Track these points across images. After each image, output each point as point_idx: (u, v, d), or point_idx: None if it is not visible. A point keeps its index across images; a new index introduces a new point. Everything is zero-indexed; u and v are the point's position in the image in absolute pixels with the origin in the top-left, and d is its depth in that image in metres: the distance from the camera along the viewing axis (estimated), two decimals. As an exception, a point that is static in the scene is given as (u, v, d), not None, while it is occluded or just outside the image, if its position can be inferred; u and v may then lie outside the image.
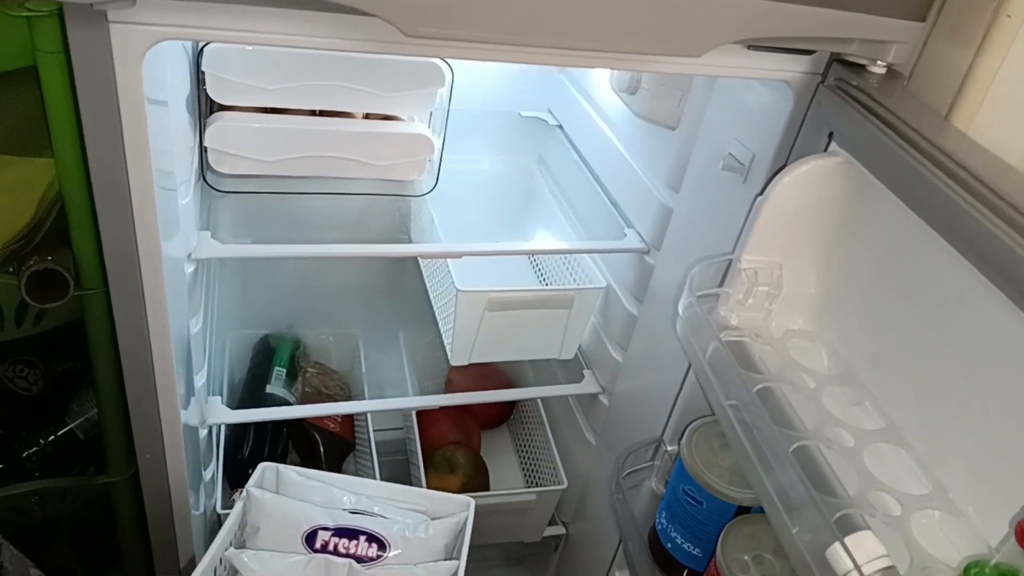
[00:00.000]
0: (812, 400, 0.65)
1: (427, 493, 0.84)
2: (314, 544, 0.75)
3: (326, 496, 0.80)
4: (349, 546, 0.75)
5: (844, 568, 0.51)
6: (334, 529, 0.75)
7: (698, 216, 0.85)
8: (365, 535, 0.74)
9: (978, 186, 0.52)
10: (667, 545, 0.81)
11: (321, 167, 0.95)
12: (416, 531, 0.77)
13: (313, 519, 0.76)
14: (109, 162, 0.65)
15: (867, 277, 0.69)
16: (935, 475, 0.60)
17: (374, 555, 0.74)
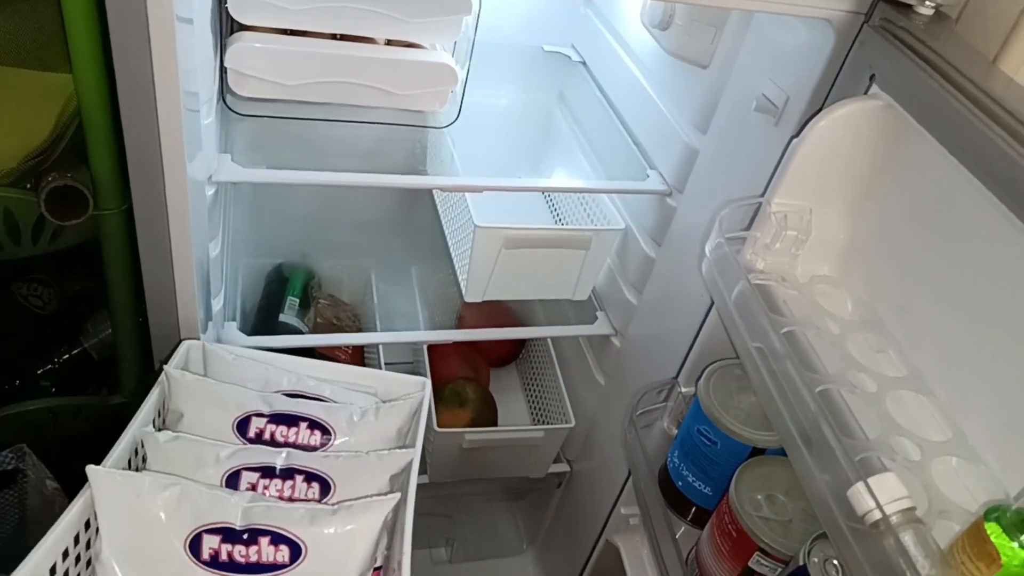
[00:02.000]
0: (836, 345, 0.66)
1: (377, 374, 0.75)
2: (247, 432, 0.64)
3: (262, 376, 0.70)
4: (288, 434, 0.65)
5: (865, 507, 0.52)
6: (270, 415, 0.65)
7: (725, 158, 0.84)
8: (307, 421, 0.65)
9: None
10: (678, 483, 0.83)
11: (341, 94, 0.93)
12: (365, 416, 0.67)
13: (245, 404, 0.65)
14: (137, 79, 0.63)
15: (898, 225, 0.68)
16: (956, 423, 0.61)
17: (317, 443, 0.65)
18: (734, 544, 0.73)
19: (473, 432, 1.13)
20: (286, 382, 0.70)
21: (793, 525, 0.71)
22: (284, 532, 0.56)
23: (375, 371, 0.75)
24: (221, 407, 0.66)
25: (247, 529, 0.56)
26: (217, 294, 0.92)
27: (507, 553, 1.43)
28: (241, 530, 0.55)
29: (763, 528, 0.70)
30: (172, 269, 0.77)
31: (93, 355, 1.04)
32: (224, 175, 0.84)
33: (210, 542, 0.55)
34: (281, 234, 1.26)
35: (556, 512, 1.34)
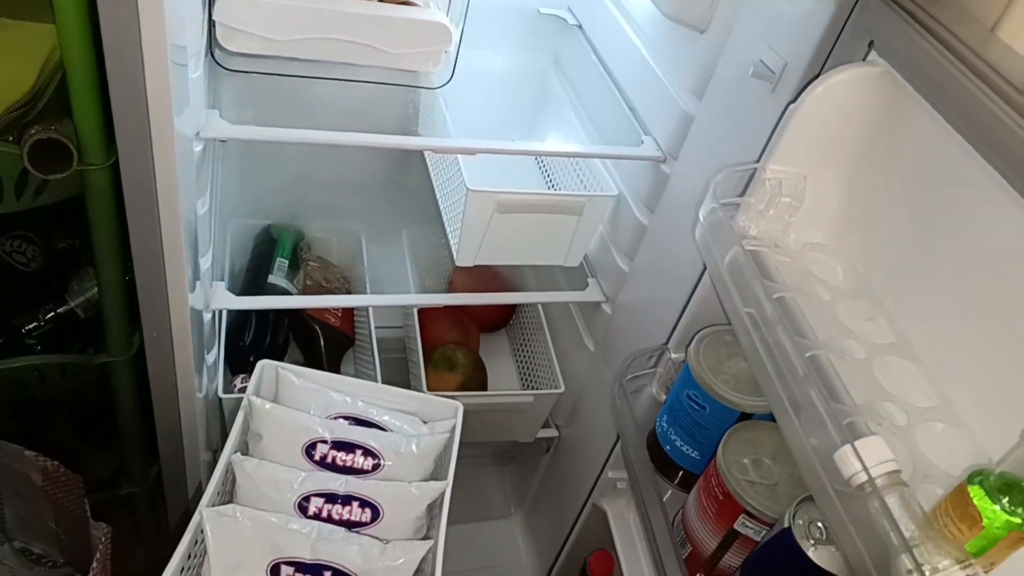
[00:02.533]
0: (826, 312, 0.66)
1: (418, 396, 0.88)
2: (314, 456, 0.79)
3: (323, 399, 0.83)
4: (346, 459, 0.79)
5: (852, 470, 0.53)
6: (332, 442, 0.79)
7: (720, 125, 0.83)
8: (361, 449, 0.79)
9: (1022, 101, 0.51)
10: (666, 447, 0.83)
11: (331, 51, 0.92)
12: (408, 446, 0.81)
13: (313, 431, 0.80)
14: (123, 30, 0.62)
15: (892, 194, 0.68)
16: (943, 390, 0.62)
17: (369, 468, 0.79)
18: (720, 507, 0.74)
19: (462, 396, 1.13)
20: (341, 403, 0.84)
21: (779, 488, 0.72)
22: (343, 568, 0.72)
23: (415, 393, 0.89)
24: (292, 432, 0.80)
25: (315, 563, 0.72)
26: (205, 253, 0.91)
27: (494, 516, 1.45)
28: (310, 563, 0.72)
29: (749, 491, 0.71)
30: (159, 226, 0.76)
31: (79, 313, 1.03)
32: (212, 131, 0.83)
33: (287, 571, 0.71)
34: (270, 195, 1.24)
35: (544, 476, 1.35)
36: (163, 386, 0.90)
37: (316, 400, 0.84)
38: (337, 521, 0.75)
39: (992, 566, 0.54)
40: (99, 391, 1.05)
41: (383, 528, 0.77)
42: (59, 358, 1.01)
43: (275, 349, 1.16)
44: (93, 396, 1.08)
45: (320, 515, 0.75)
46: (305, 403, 0.83)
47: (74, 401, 1.10)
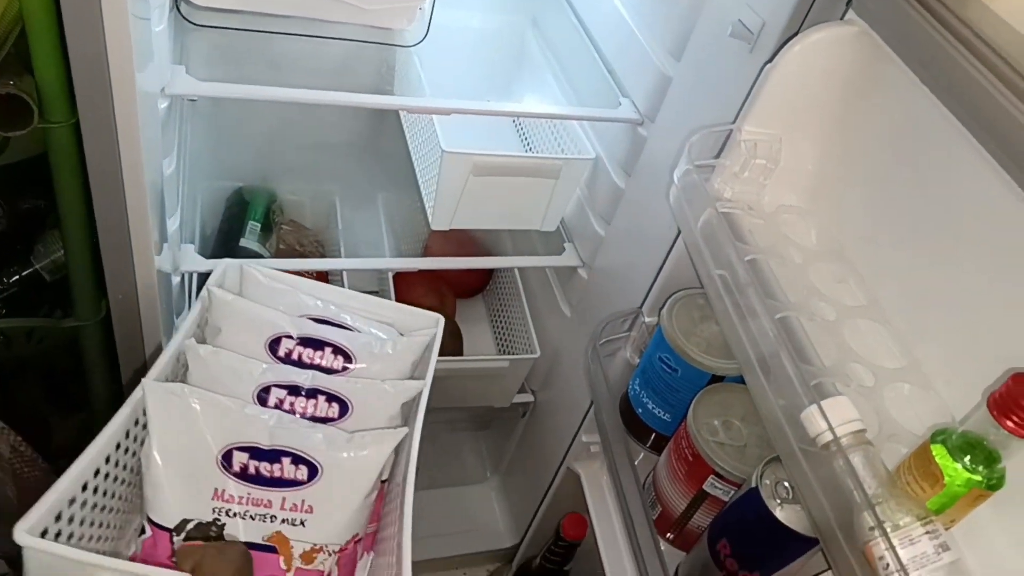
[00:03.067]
0: (798, 274, 0.66)
1: (397, 306, 0.79)
2: (277, 351, 0.71)
3: (292, 300, 0.75)
4: (314, 356, 0.71)
5: (817, 429, 0.53)
6: (299, 338, 0.71)
7: (699, 86, 0.82)
8: (332, 347, 0.71)
9: (998, 62, 0.50)
10: (638, 410, 0.84)
11: (303, 6, 0.90)
12: (383, 347, 0.73)
13: (277, 325, 0.71)
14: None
15: (867, 156, 0.68)
16: (911, 352, 0.62)
17: (339, 367, 0.71)
18: (690, 468, 0.74)
19: (438, 361, 1.13)
20: (312, 307, 0.75)
21: (747, 450, 0.73)
22: (304, 454, 0.63)
23: (394, 303, 0.80)
24: (256, 326, 0.71)
25: (272, 449, 0.63)
26: (172, 214, 0.89)
27: (471, 481, 1.45)
28: (267, 449, 0.63)
29: (718, 452, 0.72)
30: (122, 186, 0.74)
31: (45, 276, 1.01)
32: (178, 87, 0.80)
33: (240, 457, 0.63)
34: (242, 156, 1.22)
35: (520, 441, 1.36)
36: (131, 350, 0.89)
37: (284, 300, 0.75)
38: (301, 415, 0.68)
39: (952, 523, 0.55)
40: (68, 355, 1.04)
41: (352, 425, 0.68)
42: (25, 322, 0.99)
43: (248, 313, 1.15)
44: (62, 360, 1.06)
45: (282, 407, 0.67)
46: (272, 302, 0.75)
47: (42, 366, 1.09)
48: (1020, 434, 0.48)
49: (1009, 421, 0.48)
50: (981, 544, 0.57)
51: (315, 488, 0.64)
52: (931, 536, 0.51)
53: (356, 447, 0.64)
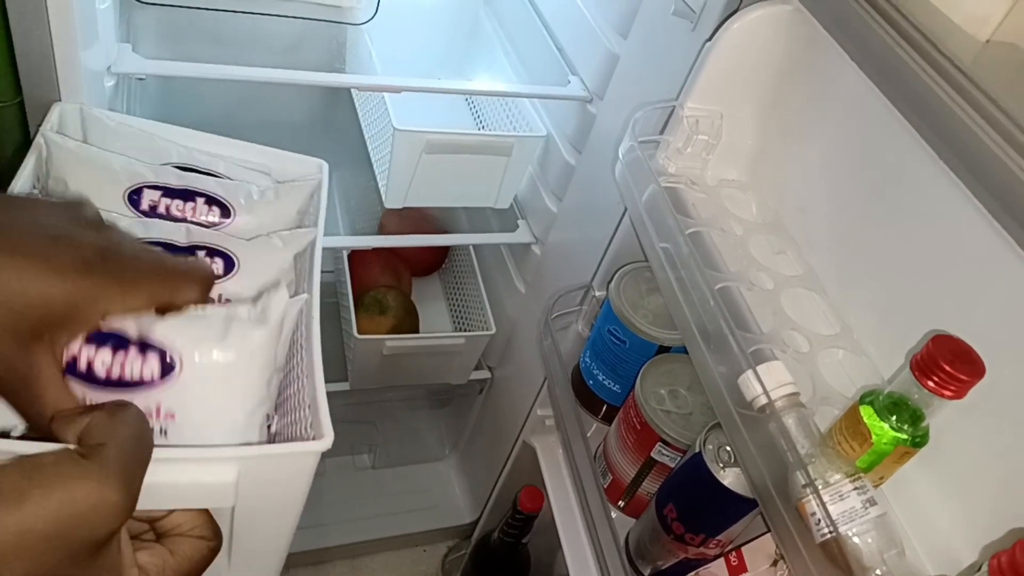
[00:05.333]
0: (739, 246, 0.68)
1: (269, 151, 0.67)
2: (139, 205, 0.58)
3: (149, 147, 0.63)
4: (184, 209, 0.59)
5: (753, 393, 0.55)
6: (164, 188, 0.59)
7: (644, 64, 0.84)
8: (204, 197, 0.59)
9: (921, 40, 0.53)
10: (589, 382, 0.86)
11: (252, -16, 0.89)
12: (264, 195, 0.62)
13: (136, 174, 0.59)
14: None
15: (804, 131, 0.70)
16: (844, 318, 0.65)
17: (216, 220, 0.60)
18: (638, 436, 0.77)
19: (394, 339, 1.14)
20: (176, 155, 0.63)
21: (693, 417, 0.75)
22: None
23: (267, 148, 0.68)
24: (110, 176, 0.58)
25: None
26: (123, 193, 0.88)
27: (429, 458, 1.47)
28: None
29: (665, 420, 0.74)
30: (70, 164, 0.73)
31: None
32: (124, 66, 0.80)
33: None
34: (193, 136, 1.21)
35: (478, 417, 1.38)
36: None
37: (140, 147, 0.63)
38: None
39: (882, 480, 0.58)
40: None
41: (240, 283, 0.55)
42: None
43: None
44: None
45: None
46: (125, 149, 0.63)
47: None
48: (941, 393, 0.51)
49: (930, 381, 0.51)
50: (908, 499, 0.60)
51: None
52: (859, 492, 0.54)
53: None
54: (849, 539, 0.52)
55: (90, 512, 0.31)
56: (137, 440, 0.34)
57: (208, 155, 0.64)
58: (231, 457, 0.39)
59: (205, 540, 0.38)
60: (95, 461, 0.31)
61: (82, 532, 0.31)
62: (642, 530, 0.79)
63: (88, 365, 0.40)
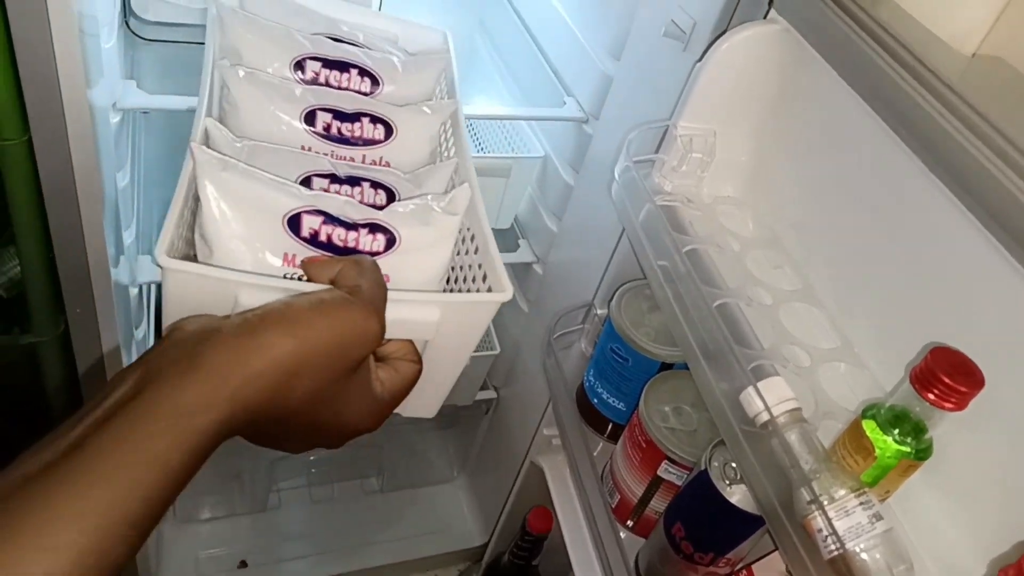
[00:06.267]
0: (736, 262, 0.69)
1: (399, 21, 0.74)
2: (304, 74, 0.65)
3: (301, 17, 0.69)
4: (341, 79, 0.65)
5: (756, 409, 0.56)
6: (323, 60, 0.65)
7: (638, 85, 0.85)
8: (357, 68, 0.66)
9: (908, 57, 0.53)
10: (593, 401, 0.86)
11: (251, 18, 0.91)
12: (405, 67, 0.68)
13: (300, 43, 0.65)
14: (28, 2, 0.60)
15: (797, 147, 0.71)
16: (844, 332, 0.65)
17: (368, 90, 0.66)
18: (644, 454, 0.77)
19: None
20: (323, 25, 0.69)
21: (698, 434, 0.75)
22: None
23: (396, 17, 0.74)
24: (277, 46, 0.64)
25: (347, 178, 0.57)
26: (128, 227, 0.90)
27: (438, 480, 1.47)
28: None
29: (670, 438, 0.74)
30: (77, 201, 0.75)
31: (2, 293, 1.01)
32: (129, 102, 0.81)
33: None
34: (196, 166, 1.22)
35: (485, 438, 1.38)
36: (90, 364, 0.89)
37: (292, 16, 0.68)
38: (348, 137, 0.62)
39: (888, 494, 0.58)
40: (26, 372, 1.03)
41: (396, 149, 0.63)
42: (-17, 340, 0.98)
43: (209, 322, 1.15)
44: (20, 377, 1.06)
45: (329, 131, 0.62)
46: (279, 19, 0.68)
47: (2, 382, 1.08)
48: (941, 406, 0.51)
49: (930, 393, 0.51)
50: (914, 512, 0.60)
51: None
52: (865, 507, 0.54)
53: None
54: (857, 555, 0.52)
55: (357, 337, 0.39)
56: (379, 284, 0.43)
57: (348, 25, 0.70)
58: (437, 301, 0.49)
59: (415, 363, 0.47)
60: (358, 298, 0.40)
61: (350, 352, 0.39)
62: (652, 550, 0.79)
63: (328, 238, 0.50)
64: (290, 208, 0.51)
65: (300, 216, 0.51)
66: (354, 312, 0.39)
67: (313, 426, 0.41)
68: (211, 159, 0.51)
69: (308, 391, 0.38)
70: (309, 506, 1.39)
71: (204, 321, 0.37)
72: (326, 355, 0.38)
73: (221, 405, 0.34)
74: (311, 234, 0.51)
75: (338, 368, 0.39)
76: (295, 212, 0.51)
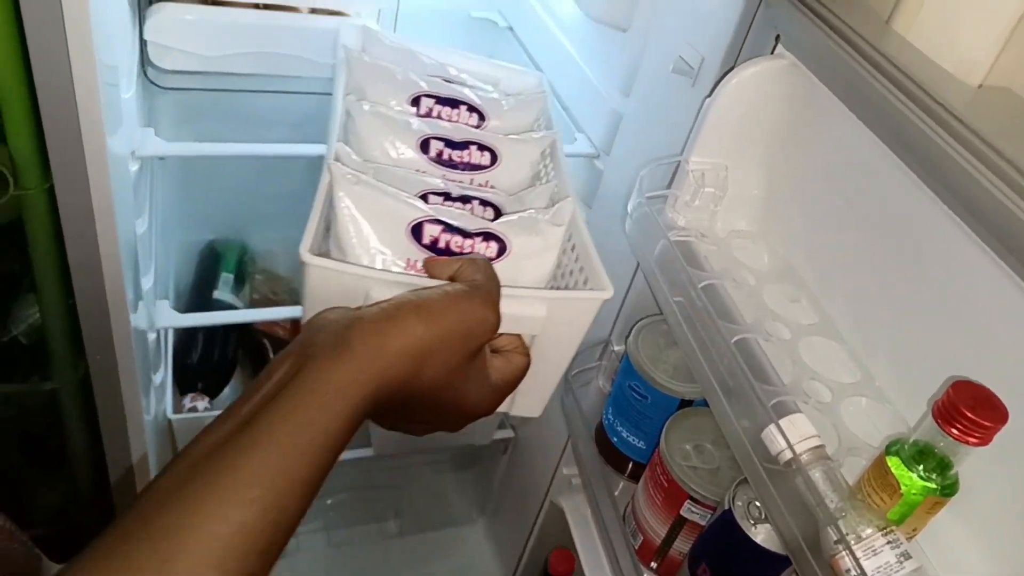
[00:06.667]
0: (753, 296, 0.68)
1: (501, 66, 0.84)
2: (419, 110, 0.74)
3: (415, 61, 0.78)
4: (451, 114, 0.74)
5: (778, 448, 0.55)
6: (436, 97, 0.74)
7: (648, 120, 0.86)
8: (465, 104, 0.74)
9: (915, 89, 0.53)
10: (613, 439, 0.85)
11: (264, 64, 0.92)
12: (508, 104, 0.76)
13: (415, 83, 0.74)
14: (52, 53, 0.62)
15: (809, 180, 0.71)
16: (864, 366, 0.64)
17: (475, 124, 0.74)
18: (666, 494, 0.76)
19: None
20: (433, 69, 0.78)
21: (720, 472, 0.74)
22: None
23: (497, 63, 0.84)
24: (395, 85, 0.73)
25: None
26: (147, 272, 0.91)
27: (458, 523, 1.45)
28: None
29: (692, 477, 0.73)
30: (98, 248, 0.76)
31: (22, 340, 1.02)
32: (148, 149, 0.83)
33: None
34: (212, 209, 1.24)
35: (504, 478, 1.36)
36: (110, 410, 0.90)
37: (407, 61, 0.78)
38: (458, 163, 0.69)
39: (915, 532, 0.56)
40: (46, 418, 1.04)
41: (501, 174, 0.70)
42: (3, 387, 0.99)
43: (224, 366, 1.15)
44: (40, 423, 1.06)
45: (441, 157, 0.68)
46: (396, 62, 0.77)
47: (20, 429, 1.09)
48: (966, 441, 0.50)
49: (954, 429, 0.50)
50: (943, 549, 0.58)
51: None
52: (892, 546, 0.53)
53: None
54: (886, 595, 0.51)
55: (478, 325, 0.44)
56: (494, 280, 0.48)
57: (457, 69, 0.79)
58: (544, 297, 0.55)
59: (525, 356, 0.52)
60: (479, 292, 0.45)
61: (472, 338, 0.44)
62: (676, 591, 0.77)
63: (446, 245, 0.57)
64: (413, 217, 0.57)
65: (422, 225, 0.58)
66: (475, 302, 0.45)
67: (438, 406, 0.46)
68: (345, 174, 0.58)
69: (436, 372, 0.43)
70: (327, 550, 1.37)
71: (342, 311, 0.42)
72: (452, 340, 0.43)
73: (368, 382, 0.39)
74: (431, 241, 0.57)
75: (462, 352, 0.44)
76: (418, 221, 0.57)
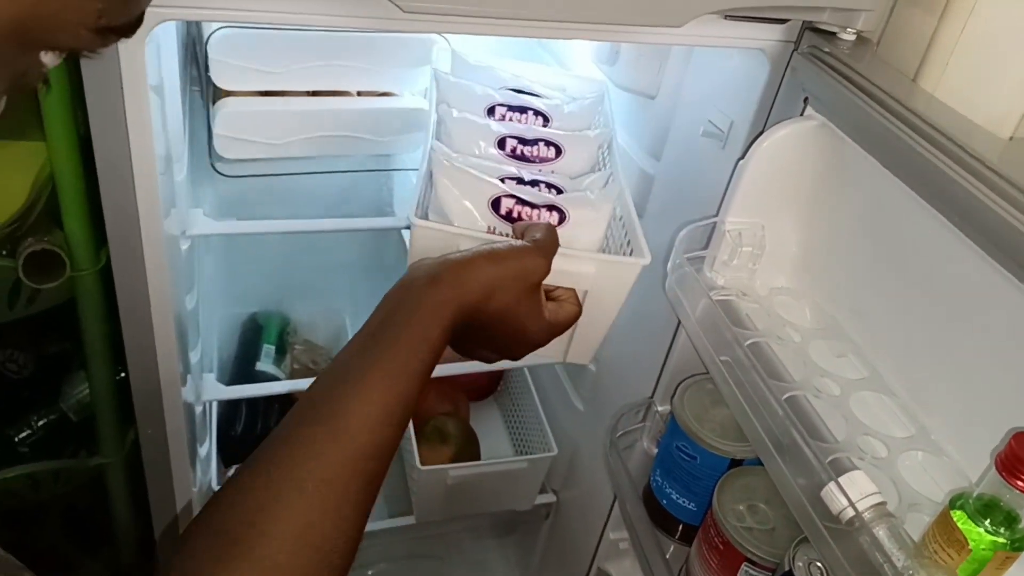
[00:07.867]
0: (799, 353, 0.69)
1: (567, 75, 0.99)
2: (494, 115, 0.87)
3: (491, 75, 0.92)
4: (520, 118, 0.86)
5: (839, 506, 0.54)
6: (507, 105, 0.87)
7: (679, 183, 0.88)
8: (532, 110, 0.87)
9: (948, 143, 0.55)
10: (662, 501, 0.84)
11: (324, 146, 0.96)
12: (570, 108, 0.89)
13: (490, 95, 0.88)
14: (113, 146, 0.65)
15: (847, 234, 0.72)
16: (918, 419, 0.64)
17: (541, 125, 0.87)
18: (722, 557, 0.74)
19: (458, 467, 1.14)
20: (509, 80, 0.92)
21: (776, 532, 0.73)
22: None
23: (564, 72, 1.01)
24: (474, 99, 0.87)
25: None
26: (194, 347, 0.93)
27: (499, 591, 1.43)
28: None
29: (748, 538, 0.72)
30: (151, 325, 0.78)
31: (71, 416, 1.04)
32: (197, 229, 0.86)
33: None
34: (255, 282, 1.27)
35: (546, 544, 1.34)
36: (159, 483, 0.90)
37: (486, 76, 0.92)
38: (528, 156, 0.82)
39: (986, 588, 0.55)
40: (92, 493, 1.05)
41: (565, 163, 0.83)
42: (52, 464, 1.01)
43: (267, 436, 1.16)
44: (86, 498, 1.07)
45: (515, 152, 0.82)
46: (479, 78, 0.91)
47: (66, 505, 1.10)
48: (1033, 492, 0.50)
49: (1020, 480, 0.50)
50: (1016, 606, 0.57)
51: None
52: (965, 604, 0.52)
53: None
54: (960, 656, 0.49)
55: (533, 270, 0.59)
56: (552, 238, 0.62)
57: (529, 79, 0.94)
58: (593, 258, 0.69)
59: (576, 306, 0.67)
60: (536, 245, 0.60)
61: (527, 278, 0.59)
62: (735, 657, 0.75)
63: (519, 214, 0.72)
64: (494, 193, 0.72)
65: (500, 199, 0.73)
66: (532, 252, 0.59)
67: (503, 331, 0.59)
68: (443, 157, 0.74)
69: (501, 302, 0.56)
70: (368, 621, 1.35)
71: (436, 258, 0.56)
72: (512, 278, 0.57)
73: (454, 305, 0.53)
74: (507, 212, 0.72)
75: (521, 288, 0.58)
76: (496, 196, 0.72)
